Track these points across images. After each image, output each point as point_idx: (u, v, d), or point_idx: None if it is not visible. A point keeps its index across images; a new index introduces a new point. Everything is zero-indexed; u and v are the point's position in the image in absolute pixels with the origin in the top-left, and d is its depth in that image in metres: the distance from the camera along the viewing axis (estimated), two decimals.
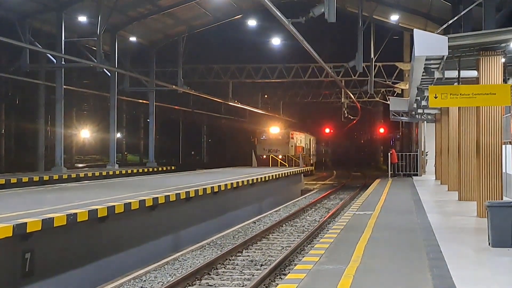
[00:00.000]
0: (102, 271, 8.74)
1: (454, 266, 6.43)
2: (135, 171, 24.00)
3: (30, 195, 11.45)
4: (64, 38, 21.16)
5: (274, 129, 37.37)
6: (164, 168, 27.91)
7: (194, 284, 8.02)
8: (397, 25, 26.48)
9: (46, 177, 17.57)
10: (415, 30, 8.36)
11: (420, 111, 20.17)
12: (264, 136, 36.96)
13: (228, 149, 53.38)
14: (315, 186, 30.97)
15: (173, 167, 29.32)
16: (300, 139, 40.04)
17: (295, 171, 25.73)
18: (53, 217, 7.31)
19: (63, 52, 20.70)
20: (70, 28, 22.22)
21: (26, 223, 6.89)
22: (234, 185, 15.63)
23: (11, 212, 7.73)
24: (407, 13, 24.02)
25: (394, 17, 24.77)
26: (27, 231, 6.87)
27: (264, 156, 33.93)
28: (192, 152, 51.59)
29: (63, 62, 21.25)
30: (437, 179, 21.94)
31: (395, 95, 32.13)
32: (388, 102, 26.30)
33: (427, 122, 24.57)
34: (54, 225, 7.28)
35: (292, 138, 37.15)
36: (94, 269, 8.58)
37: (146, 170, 25.27)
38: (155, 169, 26.17)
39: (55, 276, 7.62)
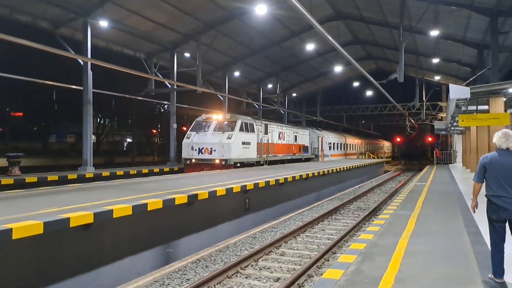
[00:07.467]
0: (282, 210, 15.19)
1: (476, 214, 7.26)
2: None
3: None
4: (176, 69, 27.98)
5: (215, 116, 23.20)
6: None
7: (328, 219, 14.21)
8: (438, 82, 43.50)
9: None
10: (450, 84, 14.42)
11: (453, 128, 30.04)
12: (199, 129, 22.67)
13: None
14: (392, 169, 48.69)
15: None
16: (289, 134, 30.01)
17: (380, 161, 40.69)
18: (258, 182, 13.52)
19: (175, 80, 27.45)
20: (180, 64, 29.12)
21: (246, 185, 12.83)
22: (347, 168, 24.71)
23: (237, 179, 14.08)
24: (444, 75, 40.66)
25: (437, 77, 41.70)
26: (247, 188, 12.81)
27: (193, 161, 21.54)
28: None
29: (175, 87, 28.02)
30: (463, 165, 32.22)
31: (437, 119, 47.56)
32: (434, 124, 40.27)
33: (456, 134, 37.56)
34: (259, 186, 13.49)
35: (243, 129, 22.48)
36: (277, 209, 14.97)
37: None
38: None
39: (259, 211, 13.75)
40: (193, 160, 21.72)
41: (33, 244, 6.34)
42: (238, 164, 21.93)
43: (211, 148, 21.53)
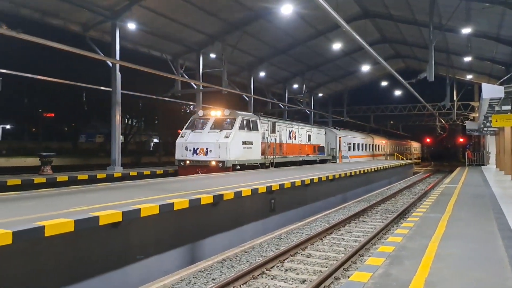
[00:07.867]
0: (308, 211, 15.16)
1: (510, 217, 8.42)
2: None
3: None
4: (202, 70, 28.23)
5: (213, 112, 21.28)
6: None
7: (355, 221, 14.02)
8: (470, 81, 42.39)
9: None
10: (483, 83, 13.99)
11: (485, 129, 29.23)
12: (195, 127, 20.90)
13: None
14: (421, 170, 48.42)
15: None
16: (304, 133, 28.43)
17: (409, 162, 40.51)
18: (284, 183, 13.48)
19: (201, 81, 27.68)
20: (206, 64, 29.35)
21: (271, 185, 12.85)
22: (374, 169, 24.44)
23: (263, 180, 14.14)
24: (476, 74, 39.24)
25: (469, 76, 40.56)
26: (272, 189, 12.89)
27: (187, 162, 19.75)
28: None
29: (201, 87, 28.27)
30: (496, 167, 31.61)
31: (469, 120, 46.75)
32: (465, 124, 40.93)
33: (489, 135, 36.59)
34: (284, 187, 13.47)
35: (244, 126, 20.56)
36: (304, 210, 14.91)
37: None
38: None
39: (285, 212, 13.73)
40: (187, 162, 19.72)
41: (65, 241, 6.48)
42: (238, 167, 19.97)
43: (207, 149, 19.40)
